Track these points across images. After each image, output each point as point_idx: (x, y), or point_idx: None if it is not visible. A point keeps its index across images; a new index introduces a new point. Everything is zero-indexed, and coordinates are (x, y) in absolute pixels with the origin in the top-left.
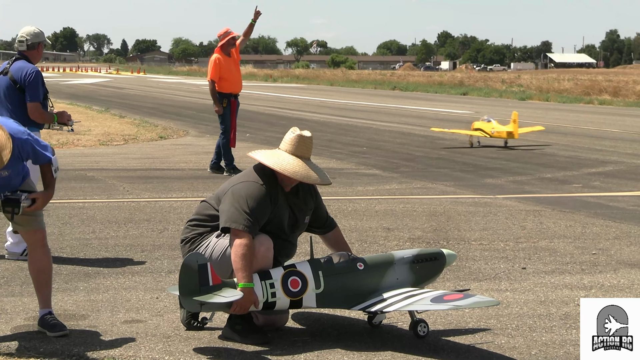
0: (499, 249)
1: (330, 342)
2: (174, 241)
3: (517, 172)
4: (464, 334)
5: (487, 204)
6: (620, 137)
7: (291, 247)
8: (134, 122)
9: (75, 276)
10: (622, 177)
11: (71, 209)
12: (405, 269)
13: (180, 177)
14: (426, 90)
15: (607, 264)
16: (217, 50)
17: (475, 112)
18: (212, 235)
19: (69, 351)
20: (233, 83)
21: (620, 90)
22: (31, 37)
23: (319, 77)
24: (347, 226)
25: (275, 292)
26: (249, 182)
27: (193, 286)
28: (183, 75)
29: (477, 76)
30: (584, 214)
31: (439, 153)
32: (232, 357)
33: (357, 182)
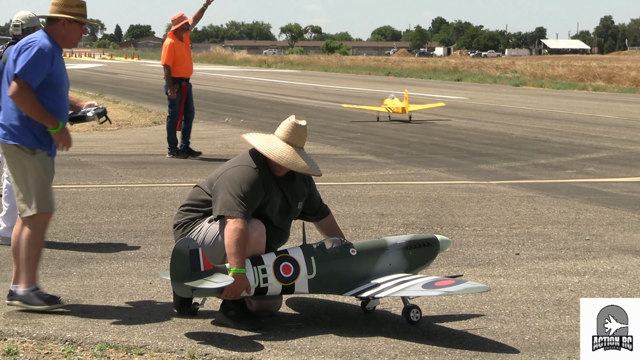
0: (492, 234)
1: (324, 328)
2: (167, 227)
3: (511, 158)
4: (457, 319)
5: (481, 190)
6: (614, 124)
7: (284, 232)
8: (127, 108)
9: (68, 261)
10: (616, 163)
11: (64, 194)
12: (399, 255)
13: (174, 163)
14: (420, 76)
15: (600, 249)
16: (171, 34)
17: (470, 97)
18: (205, 220)
19: (62, 336)
20: (185, 67)
21: (614, 76)
22: (26, 22)
23: (313, 63)
24: (340, 212)
25: (267, 278)
26: (243, 166)
27: (184, 271)
28: None
29: (471, 62)
30: (578, 200)
31: (433, 139)
32: (225, 342)
33: (351, 167)
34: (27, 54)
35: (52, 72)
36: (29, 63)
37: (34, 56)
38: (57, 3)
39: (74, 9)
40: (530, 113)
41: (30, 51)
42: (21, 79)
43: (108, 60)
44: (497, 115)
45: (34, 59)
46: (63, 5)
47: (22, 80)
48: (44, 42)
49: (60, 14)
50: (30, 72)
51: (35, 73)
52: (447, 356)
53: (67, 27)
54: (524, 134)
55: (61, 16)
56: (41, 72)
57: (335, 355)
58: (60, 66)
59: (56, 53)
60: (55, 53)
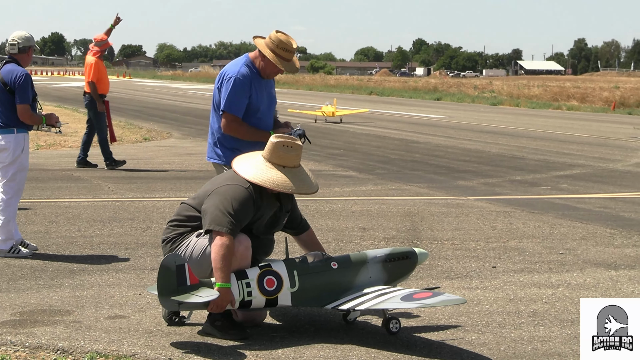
0: (470, 248)
1: (307, 338)
2: (156, 239)
3: (488, 174)
4: (435, 330)
5: (459, 205)
6: (587, 142)
7: (269, 245)
8: (119, 124)
9: (60, 273)
10: (589, 179)
11: (57, 208)
12: (378, 268)
13: (164, 178)
14: (401, 95)
15: (573, 263)
16: (95, 54)
17: (449, 116)
18: (193, 234)
19: (54, 345)
20: (106, 84)
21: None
22: (22, 41)
23: (299, 82)
24: (324, 226)
25: (252, 291)
26: (235, 185)
27: (171, 286)
28: (167, 80)
29: (450, 82)
30: (552, 215)
31: (413, 156)
32: (211, 352)
33: (334, 183)
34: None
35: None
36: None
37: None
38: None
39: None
40: (507, 131)
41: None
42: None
43: None
44: (475, 133)
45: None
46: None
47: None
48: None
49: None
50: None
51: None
52: None
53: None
54: (501, 152)
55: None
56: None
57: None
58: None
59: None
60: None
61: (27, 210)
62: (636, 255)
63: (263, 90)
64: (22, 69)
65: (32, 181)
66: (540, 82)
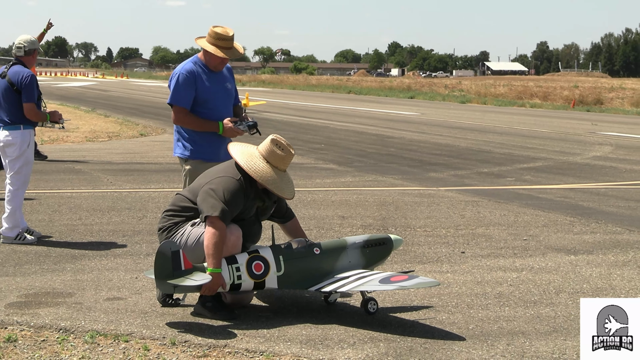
0: (441, 235)
1: (291, 318)
2: (152, 227)
3: (458, 167)
4: (409, 310)
5: (431, 195)
6: (549, 137)
7: (257, 233)
8: (117, 121)
9: (63, 258)
10: (550, 172)
11: (60, 198)
12: (357, 253)
13: (158, 170)
14: (378, 94)
15: (536, 248)
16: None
17: (421, 113)
18: (187, 224)
19: (57, 325)
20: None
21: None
22: (28, 44)
23: (283, 82)
24: (306, 214)
25: (241, 275)
26: (227, 177)
27: (167, 271)
28: (162, 80)
29: (423, 82)
30: (517, 204)
31: (388, 150)
32: (202, 331)
33: (315, 175)
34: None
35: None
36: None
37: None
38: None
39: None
40: (475, 127)
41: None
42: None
43: (100, 79)
44: (445, 129)
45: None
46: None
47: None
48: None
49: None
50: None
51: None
52: (400, 343)
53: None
54: (469, 146)
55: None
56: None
57: (300, 342)
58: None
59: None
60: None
61: (32, 201)
62: (594, 241)
63: (214, 84)
64: (27, 70)
65: (36, 173)
66: (505, 81)
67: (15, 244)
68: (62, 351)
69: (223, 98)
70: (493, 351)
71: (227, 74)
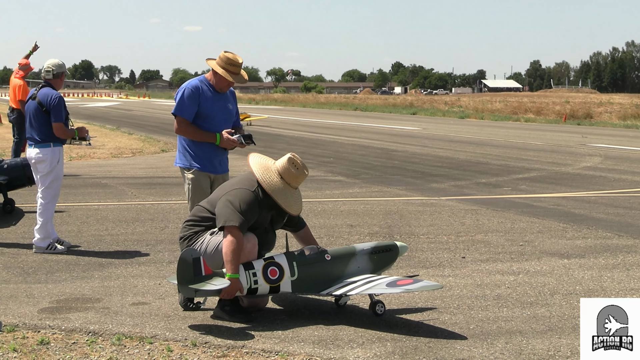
0: (442, 241)
1: (303, 320)
2: (173, 237)
3: (458, 178)
4: (414, 312)
5: (433, 205)
6: (542, 149)
7: (271, 241)
8: (140, 138)
9: (91, 266)
10: (544, 181)
11: (88, 211)
12: (365, 259)
13: (179, 184)
14: (382, 111)
15: (532, 253)
16: (20, 77)
17: (423, 128)
18: (207, 233)
19: (86, 328)
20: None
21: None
22: (56, 68)
23: (294, 101)
24: (317, 223)
25: (257, 280)
26: (243, 189)
27: (189, 276)
28: None
29: (424, 99)
30: (513, 212)
31: (393, 163)
32: (222, 332)
33: (325, 186)
34: None
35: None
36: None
37: None
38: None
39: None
40: (473, 140)
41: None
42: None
43: (124, 99)
44: (445, 143)
45: None
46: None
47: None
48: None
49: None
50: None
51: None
52: (405, 343)
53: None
54: (468, 158)
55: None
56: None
57: (312, 342)
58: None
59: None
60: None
61: (62, 213)
62: (585, 246)
63: (217, 103)
64: (55, 92)
65: (66, 188)
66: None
67: (47, 254)
68: (92, 353)
69: (224, 117)
70: (493, 349)
71: (230, 96)
